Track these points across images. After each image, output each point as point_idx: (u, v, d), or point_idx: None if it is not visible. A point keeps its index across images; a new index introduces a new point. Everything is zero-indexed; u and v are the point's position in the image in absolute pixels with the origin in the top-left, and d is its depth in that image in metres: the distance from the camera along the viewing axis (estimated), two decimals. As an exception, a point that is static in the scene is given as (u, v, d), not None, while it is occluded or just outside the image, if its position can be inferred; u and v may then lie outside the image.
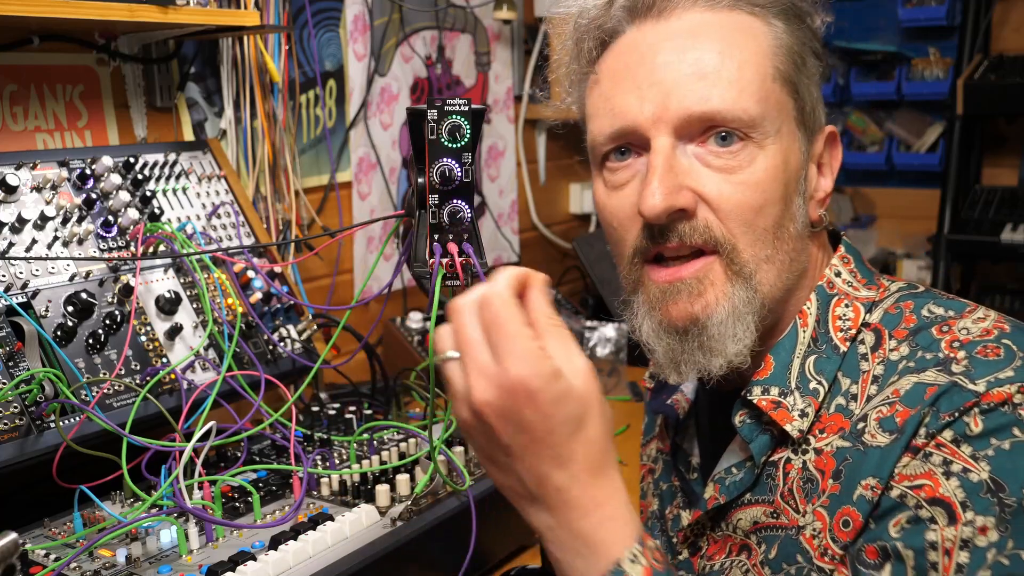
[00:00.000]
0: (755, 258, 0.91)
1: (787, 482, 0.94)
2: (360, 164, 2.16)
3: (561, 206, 2.89)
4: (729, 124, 0.90)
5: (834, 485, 0.89)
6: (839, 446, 0.90)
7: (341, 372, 1.78)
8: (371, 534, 1.12)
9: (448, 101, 0.94)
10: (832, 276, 0.99)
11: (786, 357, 0.96)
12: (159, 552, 1.07)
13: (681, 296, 0.92)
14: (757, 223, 0.91)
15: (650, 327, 0.95)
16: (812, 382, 0.94)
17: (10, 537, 0.88)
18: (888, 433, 0.86)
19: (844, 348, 0.95)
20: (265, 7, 1.79)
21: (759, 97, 0.91)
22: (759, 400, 0.95)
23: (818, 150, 0.98)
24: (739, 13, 0.93)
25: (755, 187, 0.91)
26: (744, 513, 0.98)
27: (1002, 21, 2.91)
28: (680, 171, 0.91)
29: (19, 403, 1.16)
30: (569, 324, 2.36)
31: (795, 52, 0.94)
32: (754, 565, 0.96)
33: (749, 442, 0.96)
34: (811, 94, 0.96)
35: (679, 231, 0.91)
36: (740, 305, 0.91)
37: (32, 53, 1.52)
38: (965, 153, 2.84)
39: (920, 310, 0.94)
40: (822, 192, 0.99)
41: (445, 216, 0.96)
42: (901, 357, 0.90)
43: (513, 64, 2.62)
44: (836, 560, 0.88)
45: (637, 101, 0.92)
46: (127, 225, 1.40)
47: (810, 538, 0.90)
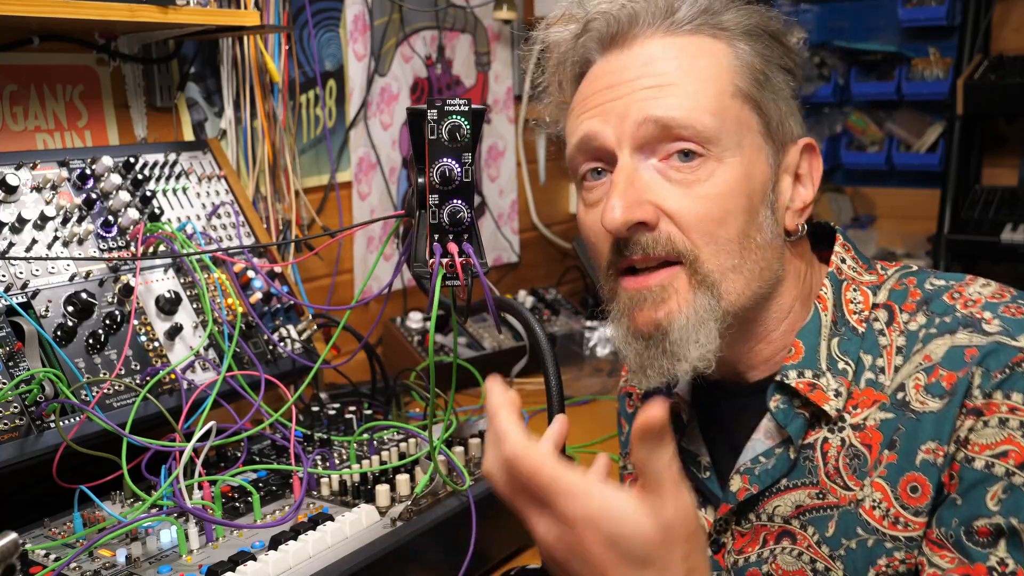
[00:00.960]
0: (720, 268, 0.95)
1: (828, 461, 0.97)
2: (360, 164, 2.16)
3: (561, 206, 2.89)
4: (684, 134, 0.94)
5: (890, 455, 0.92)
6: (882, 418, 0.94)
7: (341, 372, 1.78)
8: (371, 534, 1.12)
9: (448, 101, 0.94)
10: (838, 263, 1.04)
11: (814, 340, 1.00)
12: (159, 552, 1.07)
13: (646, 303, 0.96)
14: (719, 234, 0.95)
15: (621, 333, 1.00)
16: (840, 363, 0.99)
17: (10, 537, 0.88)
18: (938, 398, 0.90)
19: (862, 329, 1.00)
20: (265, 7, 1.79)
21: (714, 111, 0.95)
22: (796, 383, 0.98)
23: (792, 161, 1.01)
24: (701, 36, 0.98)
25: (715, 199, 0.94)
26: (782, 500, 1.00)
27: (1002, 21, 2.91)
28: (641, 186, 0.95)
29: (19, 403, 1.16)
30: (569, 324, 2.36)
31: (758, 70, 0.98)
32: (808, 547, 0.98)
33: (785, 426, 0.99)
34: (778, 108, 0.99)
35: (642, 243, 0.95)
36: (702, 312, 0.95)
37: (32, 53, 1.52)
38: (965, 153, 2.84)
39: (923, 284, 1.00)
40: (800, 202, 1.02)
41: (445, 216, 0.96)
42: (920, 326, 0.96)
43: (513, 64, 2.62)
44: (909, 527, 0.90)
45: (601, 121, 0.97)
46: (127, 225, 1.40)
47: (870, 510, 0.93)
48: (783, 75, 1.00)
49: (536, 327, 1.17)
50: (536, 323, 1.19)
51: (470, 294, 1.04)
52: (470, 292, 1.03)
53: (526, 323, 1.21)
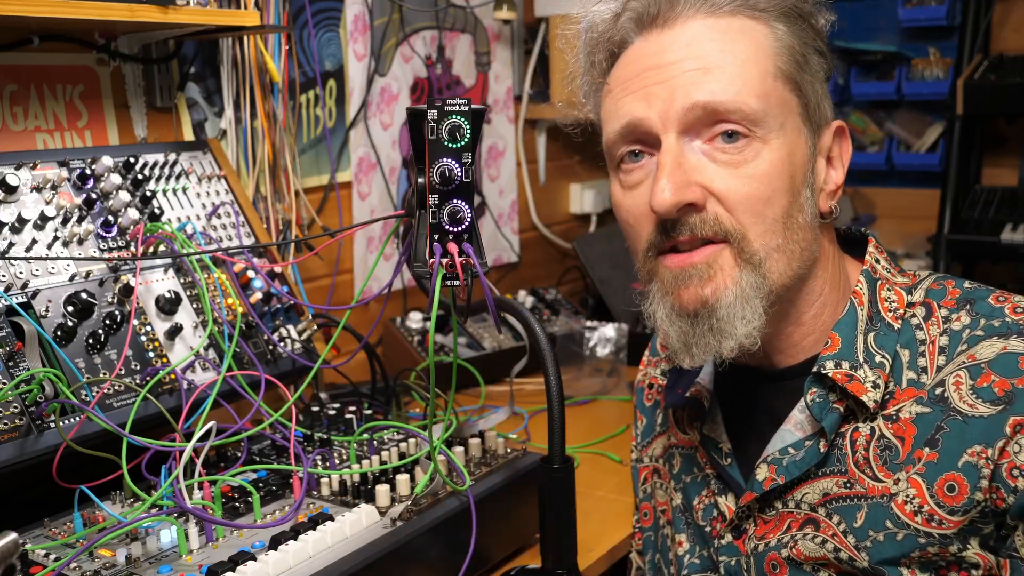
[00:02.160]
0: (765, 247, 0.96)
1: (857, 450, 0.98)
2: (360, 164, 2.16)
3: (561, 206, 2.89)
4: (731, 117, 0.94)
5: (930, 453, 0.92)
6: (918, 412, 0.94)
7: (341, 372, 1.78)
8: (371, 534, 1.12)
9: (448, 101, 0.94)
10: (872, 262, 1.05)
11: (850, 333, 1.01)
12: (159, 552, 1.07)
13: (692, 281, 0.97)
14: (766, 213, 0.95)
15: (664, 312, 1.00)
16: (877, 356, 0.99)
17: (10, 537, 0.88)
18: (990, 403, 0.90)
19: (897, 325, 1.00)
20: (265, 7, 1.79)
21: (760, 93, 0.95)
22: (833, 373, 0.98)
23: (826, 144, 1.02)
24: (741, 17, 0.97)
25: (761, 179, 0.95)
26: (811, 487, 1.01)
27: (1002, 21, 2.91)
28: (688, 167, 0.95)
29: (19, 403, 1.16)
30: (569, 324, 2.36)
31: (797, 51, 0.98)
32: (832, 536, 0.99)
33: (820, 420, 0.99)
34: (815, 91, 1.00)
35: (690, 224, 0.96)
36: (748, 289, 0.95)
37: (32, 53, 1.52)
38: (965, 153, 2.84)
39: (962, 285, 1.01)
40: (832, 184, 1.04)
41: (445, 216, 0.96)
42: (964, 326, 0.96)
43: (513, 64, 2.62)
44: (944, 524, 0.91)
45: (644, 101, 0.97)
46: (127, 225, 1.40)
47: (902, 504, 0.94)
48: (817, 57, 1.01)
49: (536, 327, 1.17)
50: (536, 323, 1.19)
51: (470, 294, 1.04)
52: (470, 292, 1.03)
53: (526, 323, 1.21)
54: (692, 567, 1.15)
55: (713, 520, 1.12)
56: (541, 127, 2.74)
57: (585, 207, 2.88)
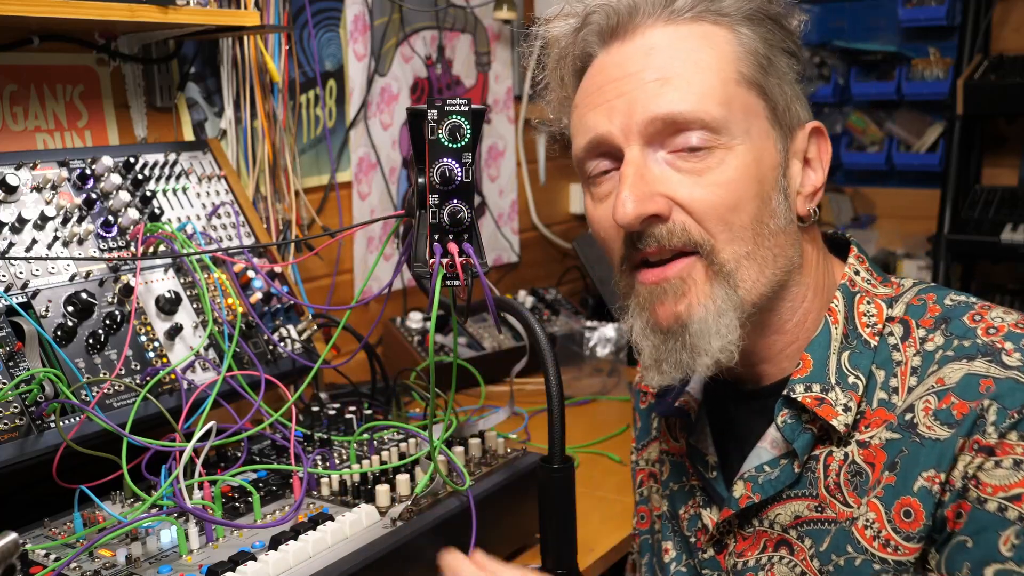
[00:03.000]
0: (735, 256, 0.94)
1: (829, 475, 0.96)
2: (360, 164, 2.16)
3: (561, 206, 2.89)
4: (692, 126, 0.93)
5: (889, 476, 0.91)
6: (888, 438, 0.92)
7: (341, 372, 1.78)
8: (371, 534, 1.12)
9: (448, 101, 0.94)
10: (852, 275, 1.02)
11: (823, 354, 0.98)
12: (159, 552, 1.07)
13: (667, 297, 0.95)
14: (733, 221, 0.94)
15: (639, 327, 0.99)
16: (850, 377, 0.96)
17: (10, 537, 0.88)
18: (947, 426, 0.88)
19: (874, 342, 0.97)
20: (265, 7, 1.79)
21: (721, 100, 0.93)
22: (803, 397, 0.96)
23: (800, 146, 1.00)
24: (701, 24, 0.96)
25: (726, 187, 0.93)
26: (783, 508, 1.00)
27: (1002, 21, 2.91)
28: (651, 178, 0.94)
29: (19, 403, 1.16)
30: (569, 324, 2.36)
31: (761, 55, 0.96)
32: (803, 560, 0.97)
33: (791, 442, 0.97)
34: (783, 92, 0.98)
35: (656, 235, 0.94)
36: (720, 303, 0.94)
37: (32, 53, 1.52)
38: (965, 153, 2.84)
39: (943, 300, 0.97)
40: (810, 187, 1.01)
41: (445, 216, 0.96)
42: (937, 347, 0.93)
43: (513, 64, 2.62)
44: (899, 551, 0.89)
45: (606, 115, 0.96)
46: (127, 225, 1.40)
47: (862, 529, 0.92)
48: (787, 58, 0.99)
49: (536, 327, 1.17)
50: (536, 323, 1.19)
51: (470, 294, 1.04)
52: (470, 292, 1.03)
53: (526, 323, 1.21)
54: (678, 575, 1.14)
55: (697, 531, 1.11)
56: (542, 128, 2.74)
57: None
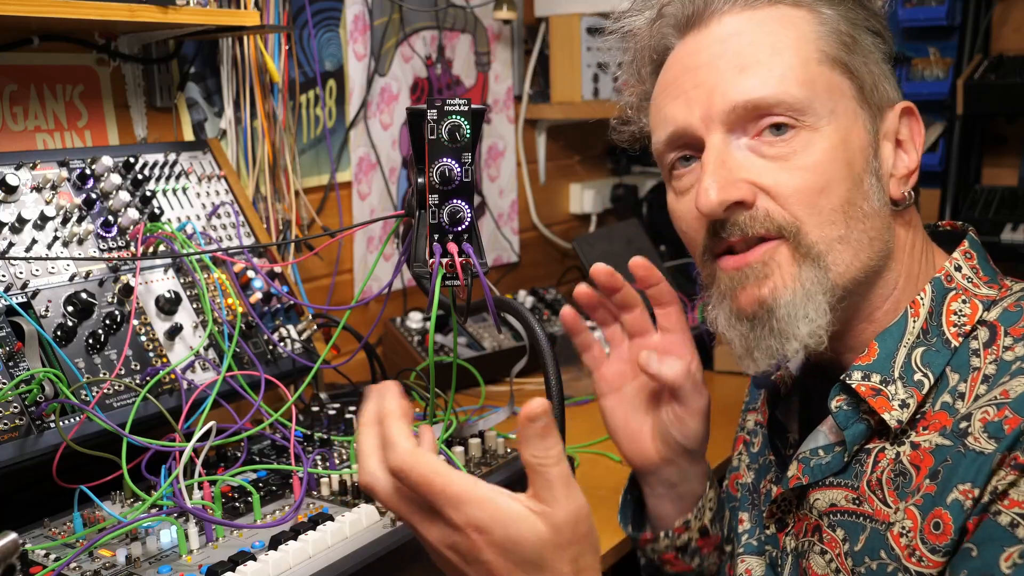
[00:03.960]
0: (824, 239, 0.91)
1: (875, 470, 0.92)
2: (360, 164, 2.16)
3: (561, 206, 2.89)
4: (775, 110, 0.90)
5: (930, 485, 0.87)
6: (939, 443, 0.88)
7: (341, 372, 1.78)
8: (371, 534, 1.12)
9: (448, 101, 0.94)
10: (951, 270, 0.97)
11: (892, 345, 0.94)
12: (159, 552, 1.07)
13: (748, 282, 0.93)
14: (822, 204, 0.90)
15: (724, 317, 0.96)
16: (917, 373, 0.92)
17: (10, 537, 0.88)
18: (994, 440, 0.82)
19: (956, 343, 0.92)
20: (265, 7, 1.79)
21: (802, 80, 0.91)
22: (858, 385, 0.93)
23: (891, 126, 0.97)
24: (780, 7, 0.94)
25: (814, 169, 0.90)
26: (823, 493, 0.97)
27: (1002, 21, 2.91)
28: (734, 165, 0.92)
29: (19, 403, 1.16)
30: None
31: (844, 33, 0.93)
32: (838, 554, 0.94)
33: (844, 429, 0.94)
34: (871, 72, 0.95)
35: (740, 223, 0.92)
36: (809, 285, 0.90)
37: (32, 53, 1.52)
38: (965, 153, 2.84)
39: None
40: (904, 169, 0.97)
41: (445, 216, 0.96)
42: (1016, 358, 0.87)
43: (513, 64, 2.62)
44: (924, 563, 0.86)
45: (685, 105, 0.94)
46: (127, 225, 1.40)
47: (898, 536, 0.88)
48: (871, 37, 0.96)
49: (536, 327, 1.17)
50: (536, 323, 1.19)
51: (470, 294, 1.04)
52: (470, 292, 1.03)
53: (526, 323, 1.21)
54: (748, 548, 1.12)
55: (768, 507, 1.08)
56: (541, 127, 2.74)
57: (585, 207, 2.87)
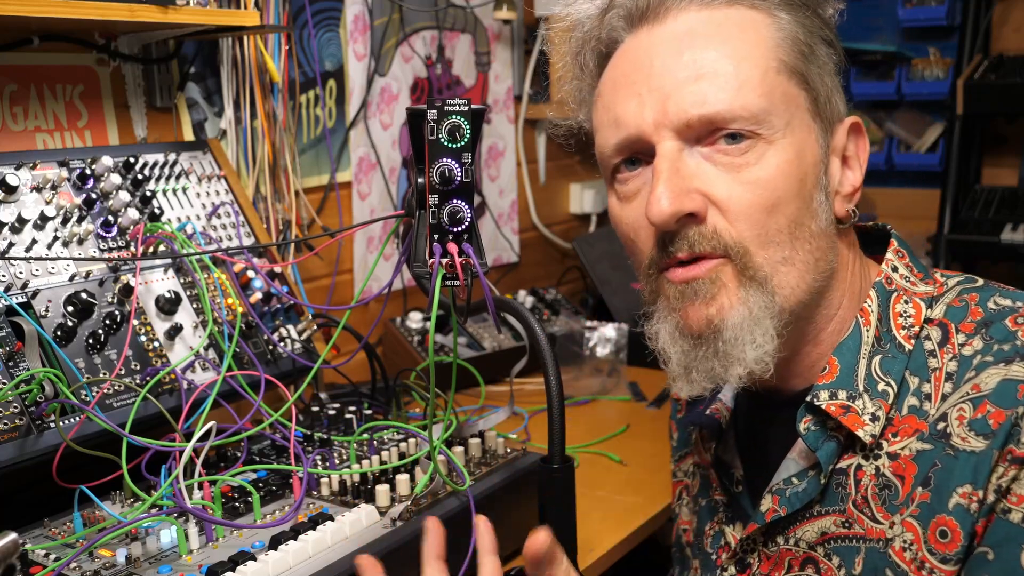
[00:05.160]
0: (769, 261, 0.88)
1: (859, 490, 0.90)
2: (360, 164, 2.16)
3: (561, 206, 2.89)
4: (732, 123, 0.87)
5: (923, 493, 0.85)
6: (919, 449, 0.86)
7: (341, 372, 1.78)
8: (371, 534, 1.12)
9: (448, 101, 0.94)
10: (889, 272, 0.96)
11: (852, 358, 0.92)
12: (159, 552, 1.07)
13: (697, 298, 0.89)
14: (770, 224, 0.87)
15: (667, 331, 0.92)
16: (880, 383, 0.90)
17: (10, 537, 0.88)
18: (982, 437, 0.82)
19: (909, 346, 0.91)
20: (265, 7, 1.79)
21: (761, 91, 0.87)
22: (827, 405, 0.90)
23: (840, 142, 0.94)
24: (738, 8, 0.90)
25: (766, 185, 0.87)
26: (811, 525, 0.94)
27: (1002, 21, 2.91)
28: (687, 174, 0.88)
29: (19, 403, 1.16)
30: (569, 324, 2.36)
31: (802, 42, 0.90)
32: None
33: (815, 450, 0.91)
34: (824, 84, 0.92)
35: (689, 238, 0.88)
36: (756, 310, 0.87)
37: (32, 53, 1.52)
38: (965, 153, 2.84)
39: (986, 303, 0.90)
40: (849, 186, 0.95)
41: (445, 216, 0.96)
42: (975, 352, 0.86)
43: (513, 64, 2.62)
44: (935, 574, 0.84)
45: (637, 108, 0.90)
46: (127, 225, 1.40)
47: (901, 551, 0.86)
48: (826, 48, 0.92)
49: (536, 327, 1.17)
50: (536, 323, 1.19)
51: (470, 294, 1.04)
52: (470, 292, 1.03)
53: (526, 323, 1.21)
54: None
55: (720, 549, 1.05)
56: (541, 127, 2.74)
57: (585, 207, 2.88)
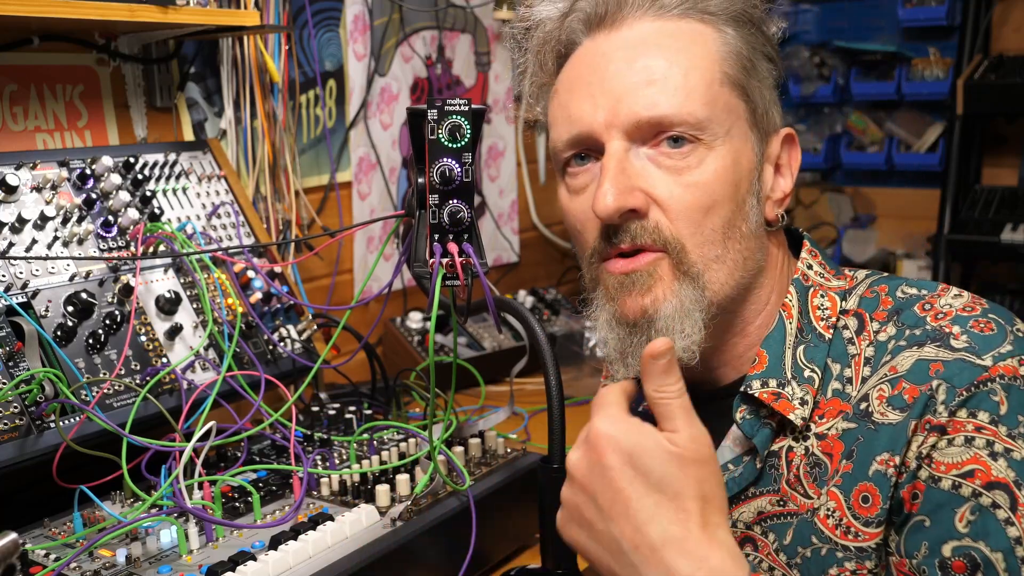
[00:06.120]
0: (703, 258, 0.94)
1: (791, 469, 0.97)
2: (360, 164, 2.16)
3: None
4: (677, 127, 0.93)
5: (847, 464, 0.92)
6: (844, 428, 0.94)
7: (341, 372, 1.78)
8: (371, 534, 1.12)
9: (448, 101, 0.94)
10: (805, 269, 1.04)
11: (778, 349, 0.99)
12: (159, 552, 1.07)
13: (634, 288, 0.95)
14: (705, 224, 0.94)
15: (605, 319, 0.99)
16: (806, 370, 0.98)
17: (10, 537, 0.88)
18: (899, 411, 0.89)
19: (828, 336, 0.99)
20: (265, 7, 1.79)
21: (706, 100, 0.94)
22: (760, 393, 0.97)
23: (774, 151, 1.01)
24: (689, 21, 0.96)
25: (704, 188, 0.94)
26: (747, 507, 1.00)
27: (1002, 21, 2.91)
28: (632, 173, 0.94)
29: (19, 403, 1.16)
30: (569, 324, 2.36)
31: (745, 56, 0.97)
32: (767, 555, 0.98)
33: (751, 437, 0.98)
34: (763, 97, 0.99)
35: (631, 231, 0.94)
36: (687, 303, 0.94)
37: (32, 53, 1.52)
38: (965, 153, 2.84)
39: (895, 292, 0.99)
40: (780, 192, 1.02)
41: (445, 216, 0.96)
42: (889, 337, 0.95)
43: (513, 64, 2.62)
44: (861, 537, 0.91)
45: (591, 108, 0.96)
46: (127, 225, 1.40)
47: (825, 518, 0.93)
48: (767, 63, 1.00)
49: (536, 327, 1.17)
50: (536, 323, 1.19)
51: (470, 294, 1.04)
52: (470, 292, 1.03)
53: (526, 323, 1.21)
54: None
55: None
56: (541, 127, 2.74)
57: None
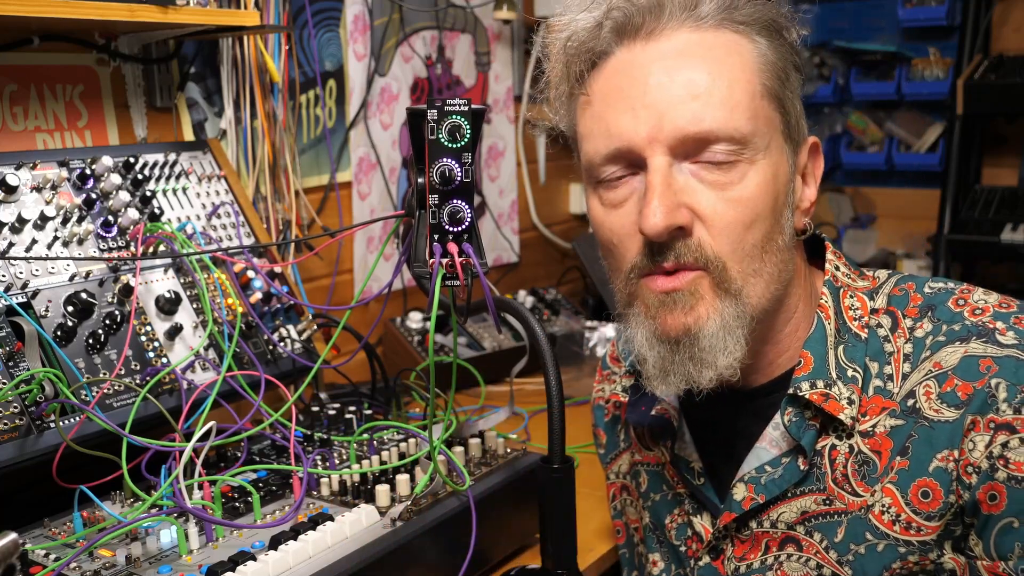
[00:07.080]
0: (742, 273, 0.94)
1: (836, 468, 0.97)
2: (360, 164, 2.16)
3: (561, 206, 2.89)
4: (722, 142, 0.92)
5: (902, 461, 0.93)
6: (892, 425, 0.95)
7: (341, 372, 1.78)
8: (371, 534, 1.12)
9: (448, 101, 0.94)
10: (833, 271, 1.04)
11: (821, 350, 1.00)
12: (159, 552, 1.07)
13: (677, 307, 0.95)
14: (746, 239, 0.94)
15: (644, 336, 0.98)
16: (849, 370, 0.98)
17: (10, 537, 0.88)
18: (954, 408, 0.90)
19: (864, 335, 1.00)
20: (265, 7, 1.79)
21: (749, 115, 0.93)
22: (810, 394, 0.97)
23: (803, 161, 1.02)
24: (725, 32, 0.95)
25: (746, 203, 0.93)
26: (788, 506, 1.00)
27: (1002, 21, 2.91)
28: (677, 189, 0.93)
29: (19, 403, 1.16)
30: (569, 324, 2.36)
31: (779, 68, 0.96)
32: (815, 553, 0.98)
33: (799, 439, 0.98)
34: (795, 107, 0.99)
35: (676, 250, 0.93)
36: (730, 320, 0.94)
37: (32, 53, 1.52)
38: (965, 153, 2.84)
39: (922, 288, 1.00)
40: (807, 202, 1.03)
41: (445, 216, 0.96)
42: (927, 333, 0.96)
43: (513, 64, 2.62)
44: (922, 531, 0.92)
45: (632, 122, 0.94)
46: (127, 225, 1.40)
47: (879, 515, 0.94)
48: (795, 72, 0.99)
49: (536, 327, 1.17)
50: (536, 323, 1.19)
51: (470, 294, 1.04)
52: (470, 292, 1.03)
53: (526, 323, 1.21)
54: None
55: (688, 540, 1.11)
56: (541, 127, 2.74)
57: (585, 207, 2.88)
